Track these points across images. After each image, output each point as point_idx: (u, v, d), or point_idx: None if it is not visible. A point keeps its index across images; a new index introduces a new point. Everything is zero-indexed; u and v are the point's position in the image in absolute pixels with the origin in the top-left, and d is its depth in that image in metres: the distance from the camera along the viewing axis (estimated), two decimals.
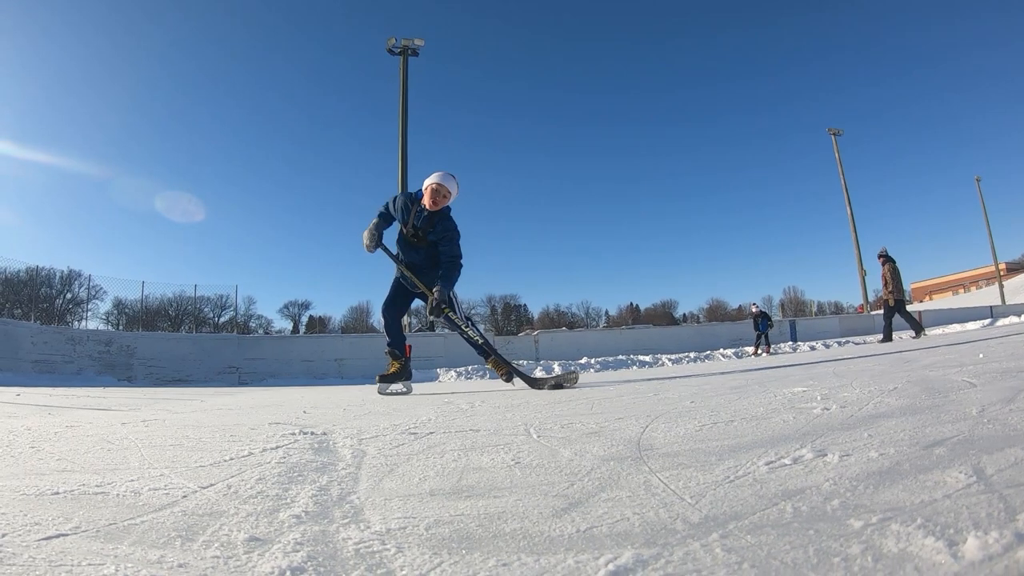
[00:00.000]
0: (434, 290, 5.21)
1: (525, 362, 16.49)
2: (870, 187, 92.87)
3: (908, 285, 63.32)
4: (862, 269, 34.00)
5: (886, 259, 13.88)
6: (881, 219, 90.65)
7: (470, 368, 14.92)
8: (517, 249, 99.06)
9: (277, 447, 2.03)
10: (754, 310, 21.09)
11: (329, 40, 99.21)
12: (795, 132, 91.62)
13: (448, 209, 5.50)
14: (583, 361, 15.82)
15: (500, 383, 5.98)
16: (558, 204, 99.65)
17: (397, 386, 5.55)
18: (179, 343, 18.88)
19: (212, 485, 1.43)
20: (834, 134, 36.52)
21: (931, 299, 57.07)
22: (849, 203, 35.35)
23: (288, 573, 0.85)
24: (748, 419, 2.07)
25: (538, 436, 2.05)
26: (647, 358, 16.31)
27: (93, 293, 26.92)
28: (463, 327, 5.48)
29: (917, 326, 13.44)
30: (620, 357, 16.66)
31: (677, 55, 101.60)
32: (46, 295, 31.18)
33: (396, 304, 5.74)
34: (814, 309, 62.81)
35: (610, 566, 0.82)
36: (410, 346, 5.91)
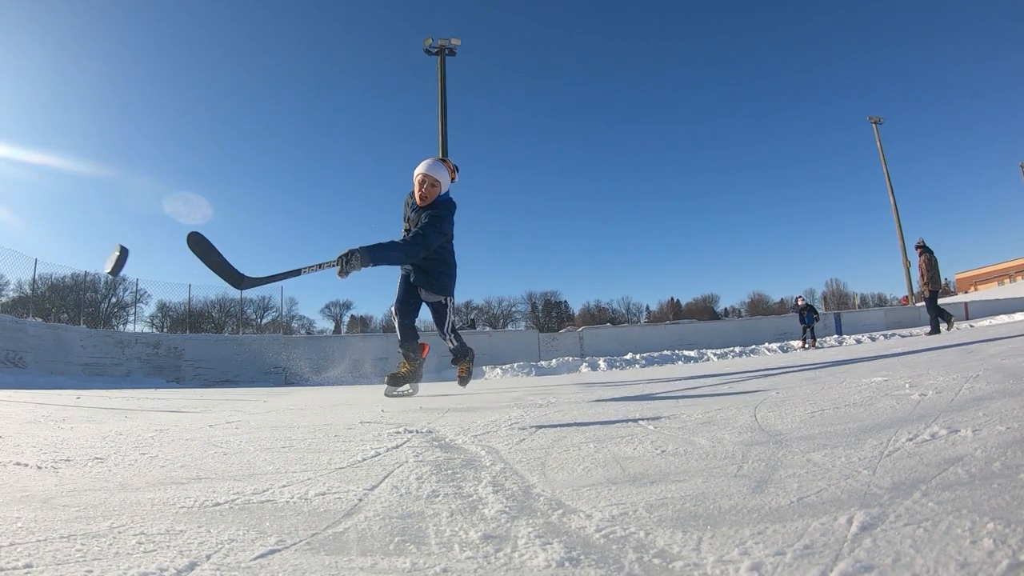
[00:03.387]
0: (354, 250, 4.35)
1: (571, 358, 16.39)
2: (913, 175, 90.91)
3: (953, 276, 61.93)
4: (906, 260, 33.24)
5: (923, 250, 13.72)
6: (924, 208, 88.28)
7: (516, 365, 14.86)
8: (557, 246, 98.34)
9: (398, 446, 1.96)
10: (799, 303, 20.67)
11: (364, 38, 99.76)
12: (835, 122, 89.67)
13: (443, 197, 4.91)
14: (628, 357, 15.65)
15: (542, 381, 5.76)
16: (597, 200, 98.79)
17: (404, 387, 5.15)
18: (225, 344, 19.11)
19: (376, 487, 1.36)
20: (875, 122, 35.75)
21: (976, 289, 55.41)
22: (892, 192, 34.58)
23: (566, 564, 0.83)
24: (852, 406, 2.09)
25: (655, 428, 2.01)
26: (692, 353, 16.11)
27: (138, 297, 27.37)
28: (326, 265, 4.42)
29: (936, 324, 13.13)
30: (665, 352, 16.49)
31: (717, 50, 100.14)
32: (91, 299, 31.79)
33: (409, 303, 5.12)
34: (857, 301, 61.45)
35: (855, 523, 0.88)
36: (427, 346, 5.46)
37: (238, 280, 4.34)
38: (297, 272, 4.41)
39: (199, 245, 4.29)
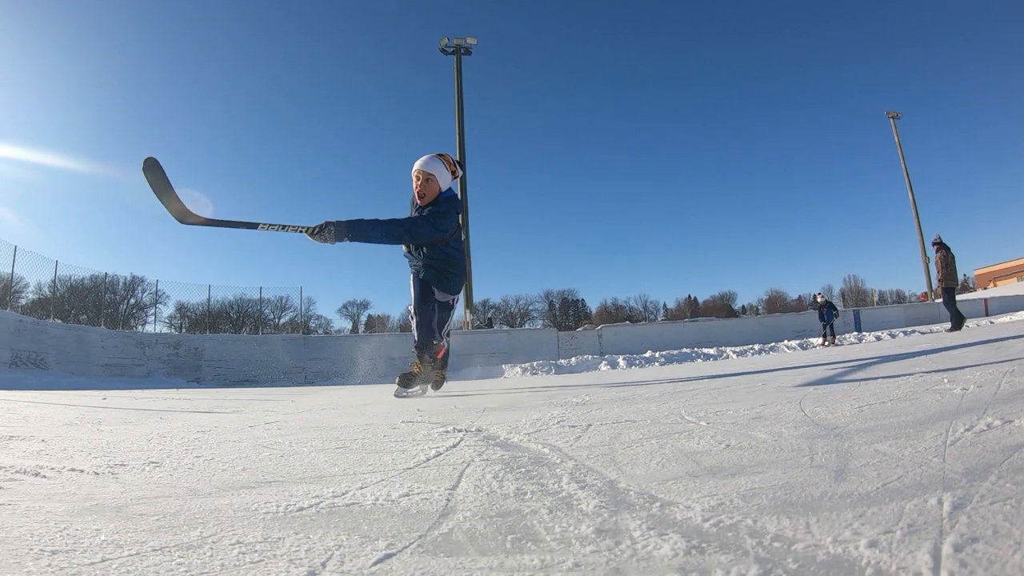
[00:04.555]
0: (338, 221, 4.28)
1: (590, 356, 16.34)
2: (931, 171, 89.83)
3: (972, 271, 61.32)
4: (925, 256, 32.93)
5: (940, 246, 13.71)
6: (943, 203, 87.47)
7: (536, 364, 14.83)
8: (573, 244, 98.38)
9: (455, 446, 1.92)
10: (819, 300, 20.51)
11: (380, 39, 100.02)
12: (853, 118, 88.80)
13: (446, 195, 4.80)
14: (647, 355, 15.58)
15: (563, 380, 5.65)
16: (613, 199, 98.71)
17: (415, 388, 4.98)
18: (246, 345, 19.24)
19: (456, 487, 1.34)
20: (892, 117, 35.42)
21: (995, 285, 54.79)
22: (910, 187, 34.26)
23: (692, 552, 0.85)
24: (897, 400, 2.10)
25: (708, 424, 2.00)
26: (711, 351, 16.01)
27: (157, 298, 27.57)
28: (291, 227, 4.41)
29: (958, 319, 13.04)
30: (684, 350, 16.41)
31: (732, 48, 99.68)
32: (110, 300, 32.08)
33: (427, 303, 4.94)
34: (875, 298, 60.89)
35: (945, 504, 0.92)
36: (444, 348, 5.31)
37: (184, 214, 4.35)
38: (254, 225, 4.39)
39: (153, 172, 4.32)
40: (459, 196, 5.03)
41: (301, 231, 4.33)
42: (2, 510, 1.23)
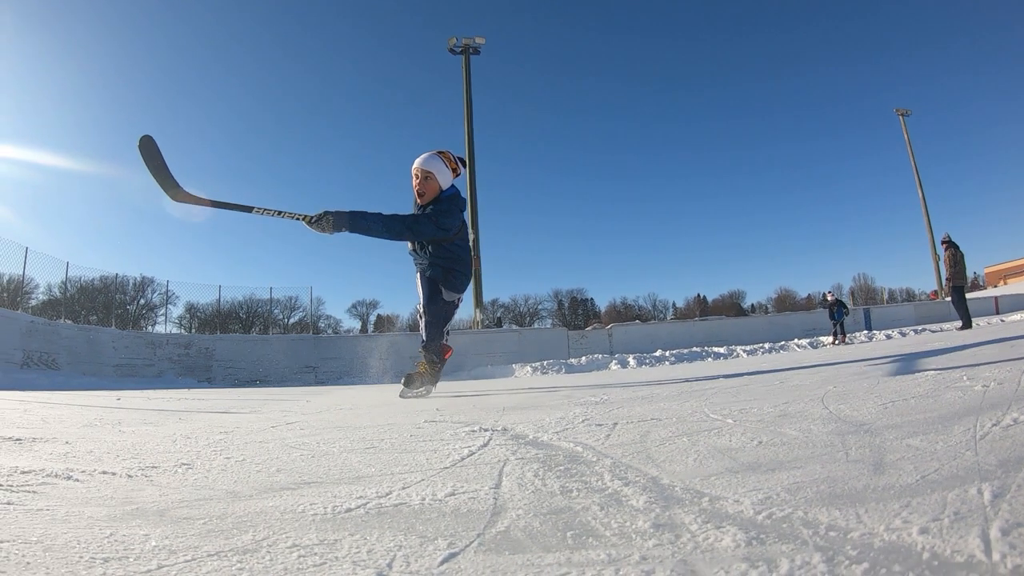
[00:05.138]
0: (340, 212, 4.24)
1: (600, 355, 16.32)
2: (941, 169, 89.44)
3: (982, 269, 60.91)
4: (935, 254, 32.74)
5: (949, 244, 13.73)
6: (953, 201, 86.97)
7: (546, 363, 14.81)
8: (582, 244, 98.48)
9: (486, 444, 1.92)
10: (829, 298, 20.41)
11: (390, 40, 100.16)
12: (863, 117, 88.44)
13: (447, 192, 4.75)
14: (657, 354, 15.54)
15: (576, 379, 5.58)
16: (622, 199, 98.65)
17: (420, 388, 4.92)
18: (256, 345, 19.30)
19: (499, 485, 1.34)
20: (902, 114, 35.23)
21: (1006, 283, 54.41)
22: (920, 185, 34.08)
23: (753, 543, 0.86)
24: (919, 397, 2.11)
25: (734, 421, 2.00)
26: (721, 350, 15.96)
27: (167, 298, 27.68)
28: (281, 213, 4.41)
29: (967, 318, 13.15)
30: (694, 349, 16.36)
31: (742, 47, 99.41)
32: (120, 301, 32.21)
33: (436, 301, 4.90)
34: (885, 296, 60.53)
35: (986, 494, 0.95)
36: (451, 349, 5.29)
37: (175, 191, 4.37)
38: (248, 208, 4.43)
39: (148, 149, 4.38)
40: (462, 194, 4.94)
41: (299, 218, 4.32)
42: (41, 516, 1.21)
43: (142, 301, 42.16)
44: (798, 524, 0.91)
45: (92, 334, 17.34)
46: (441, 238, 4.72)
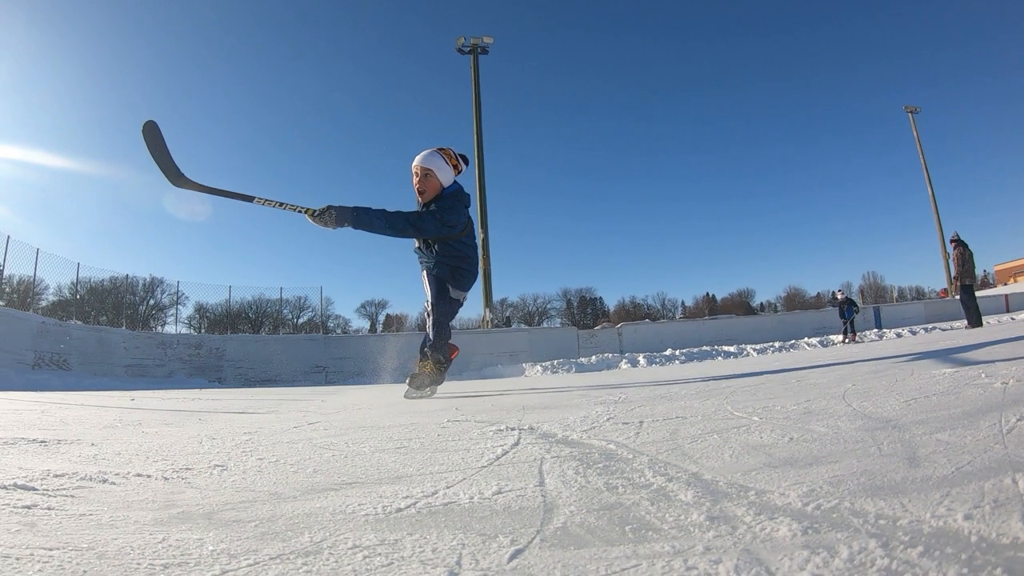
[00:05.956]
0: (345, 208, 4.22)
1: (610, 354, 16.31)
2: (950, 166, 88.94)
3: (992, 267, 60.59)
4: (945, 252, 32.57)
5: (958, 243, 13.83)
6: (963, 198, 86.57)
7: (556, 362, 14.80)
8: (591, 243, 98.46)
9: (517, 443, 1.92)
10: (839, 297, 20.34)
11: (398, 40, 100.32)
12: (872, 115, 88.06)
13: (450, 189, 4.69)
14: (667, 353, 15.52)
15: (588, 379, 5.53)
16: (630, 198, 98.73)
17: (425, 389, 4.86)
18: (266, 345, 19.36)
19: (543, 483, 1.34)
20: (911, 112, 35.05)
21: (1016, 281, 54.11)
22: (930, 182, 33.92)
23: (809, 531, 0.89)
24: (940, 394, 2.13)
25: (760, 419, 2.01)
26: (732, 349, 15.92)
27: (177, 299, 27.78)
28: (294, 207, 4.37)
29: (976, 316, 13.20)
30: (704, 348, 16.34)
31: (750, 48, 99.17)
32: (130, 302, 32.35)
33: (445, 299, 4.80)
34: (895, 295, 60.32)
35: (1020, 483, 0.99)
36: (457, 349, 5.17)
37: (176, 177, 4.39)
38: (249, 198, 4.40)
39: (151, 134, 4.38)
40: (464, 190, 4.87)
41: (301, 211, 4.30)
42: (85, 521, 1.18)
43: (152, 302, 42.42)
44: (847, 514, 0.94)
45: (103, 335, 17.43)
46: (446, 235, 4.67)
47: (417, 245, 4.91)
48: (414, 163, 4.63)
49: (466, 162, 4.94)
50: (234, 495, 1.39)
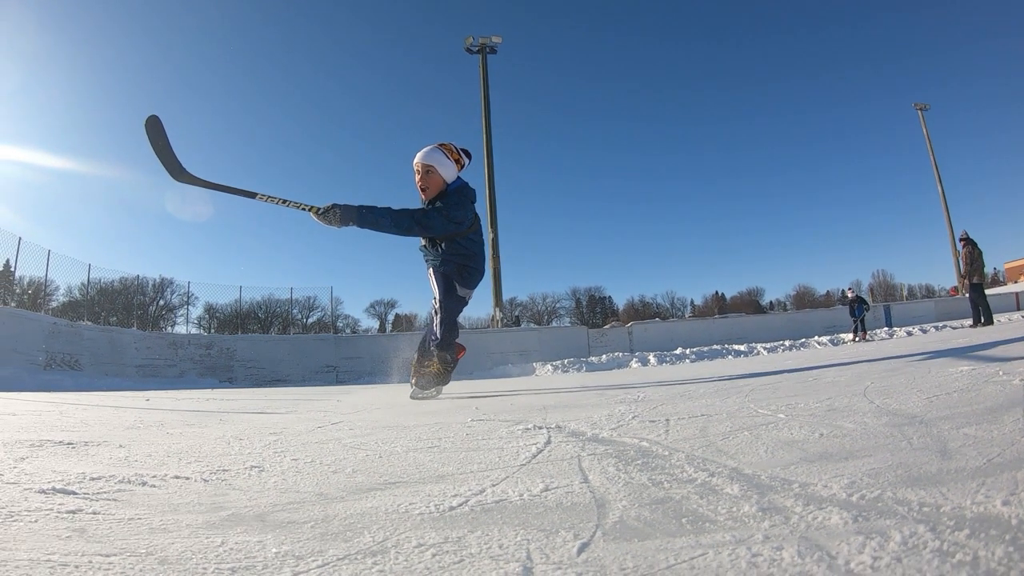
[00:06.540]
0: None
1: (620, 353, 16.29)
2: (960, 163, 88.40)
3: (1002, 265, 60.17)
4: (955, 250, 32.39)
5: (967, 242, 13.77)
6: (973, 197, 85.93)
7: (566, 361, 14.80)
8: (600, 242, 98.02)
9: (549, 442, 1.93)
10: (849, 295, 20.26)
11: (406, 40, 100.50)
12: (881, 112, 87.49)
13: (454, 185, 4.60)
14: (678, 351, 15.48)
15: (601, 378, 5.46)
16: (639, 197, 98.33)
17: (431, 389, 4.87)
18: (277, 344, 19.42)
19: (587, 480, 1.35)
20: (920, 109, 34.86)
21: None
22: (939, 180, 33.75)
23: (859, 519, 0.94)
24: (961, 391, 2.14)
25: (786, 416, 2.03)
26: (742, 347, 15.85)
27: (188, 299, 27.90)
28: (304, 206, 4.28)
29: (987, 314, 13.15)
30: (714, 347, 16.27)
31: (757, 46, 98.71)
32: (140, 302, 32.50)
33: (453, 297, 4.68)
34: (905, 293, 60.04)
35: None
36: (464, 349, 5.12)
37: (178, 172, 4.42)
38: (252, 194, 4.39)
39: (154, 129, 4.39)
40: (469, 185, 4.76)
41: (305, 209, 4.26)
42: (135, 525, 1.14)
43: (162, 302, 42.64)
44: (891, 503, 0.98)
45: (114, 335, 17.52)
46: (453, 232, 4.59)
47: (423, 243, 4.84)
48: (415, 160, 4.56)
49: (469, 156, 4.85)
50: (280, 496, 1.38)
